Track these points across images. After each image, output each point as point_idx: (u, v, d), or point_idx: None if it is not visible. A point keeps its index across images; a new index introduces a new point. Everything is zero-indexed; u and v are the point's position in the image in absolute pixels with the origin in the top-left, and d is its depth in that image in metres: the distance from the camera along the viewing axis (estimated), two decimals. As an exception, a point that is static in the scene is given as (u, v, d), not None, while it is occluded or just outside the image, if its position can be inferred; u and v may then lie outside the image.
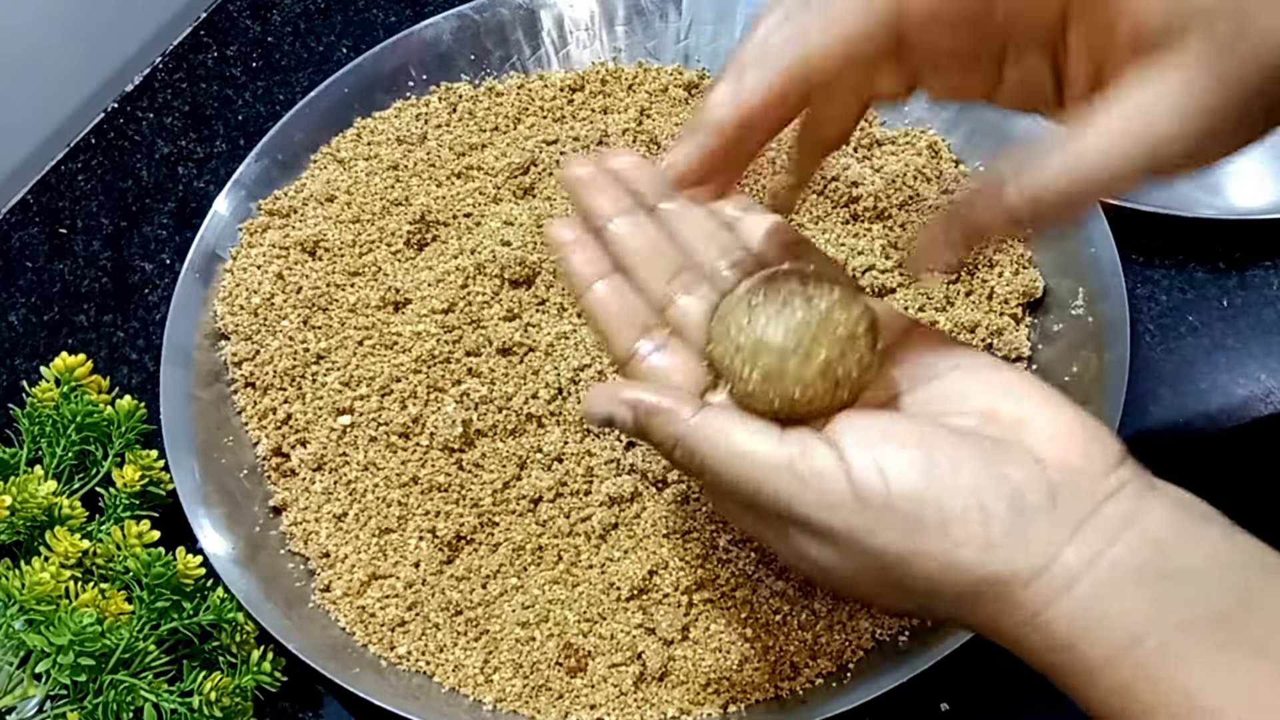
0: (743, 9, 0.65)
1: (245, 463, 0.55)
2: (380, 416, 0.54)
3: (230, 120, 0.70)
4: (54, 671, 0.44)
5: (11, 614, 0.45)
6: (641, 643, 0.48)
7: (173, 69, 0.72)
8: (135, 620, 0.46)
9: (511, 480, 0.52)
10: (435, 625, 0.50)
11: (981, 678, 0.48)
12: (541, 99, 0.64)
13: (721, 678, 0.47)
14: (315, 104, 0.64)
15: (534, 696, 0.48)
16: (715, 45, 0.65)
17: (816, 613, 0.48)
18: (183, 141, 0.70)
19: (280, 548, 0.53)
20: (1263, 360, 0.55)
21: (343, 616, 0.51)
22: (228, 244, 0.61)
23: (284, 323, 0.57)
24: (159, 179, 0.68)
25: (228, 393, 0.57)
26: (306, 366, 0.56)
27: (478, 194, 0.60)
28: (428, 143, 0.63)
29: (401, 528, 0.52)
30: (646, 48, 0.66)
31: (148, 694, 0.45)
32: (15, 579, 0.46)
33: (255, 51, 0.73)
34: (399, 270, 0.58)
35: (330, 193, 0.62)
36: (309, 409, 0.55)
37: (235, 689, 0.47)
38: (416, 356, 0.55)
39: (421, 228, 0.59)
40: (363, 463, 0.53)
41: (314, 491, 0.53)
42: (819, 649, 0.47)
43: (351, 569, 0.51)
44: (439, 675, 0.49)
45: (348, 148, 0.64)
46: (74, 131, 0.70)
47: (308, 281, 0.58)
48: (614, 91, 0.64)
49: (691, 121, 0.36)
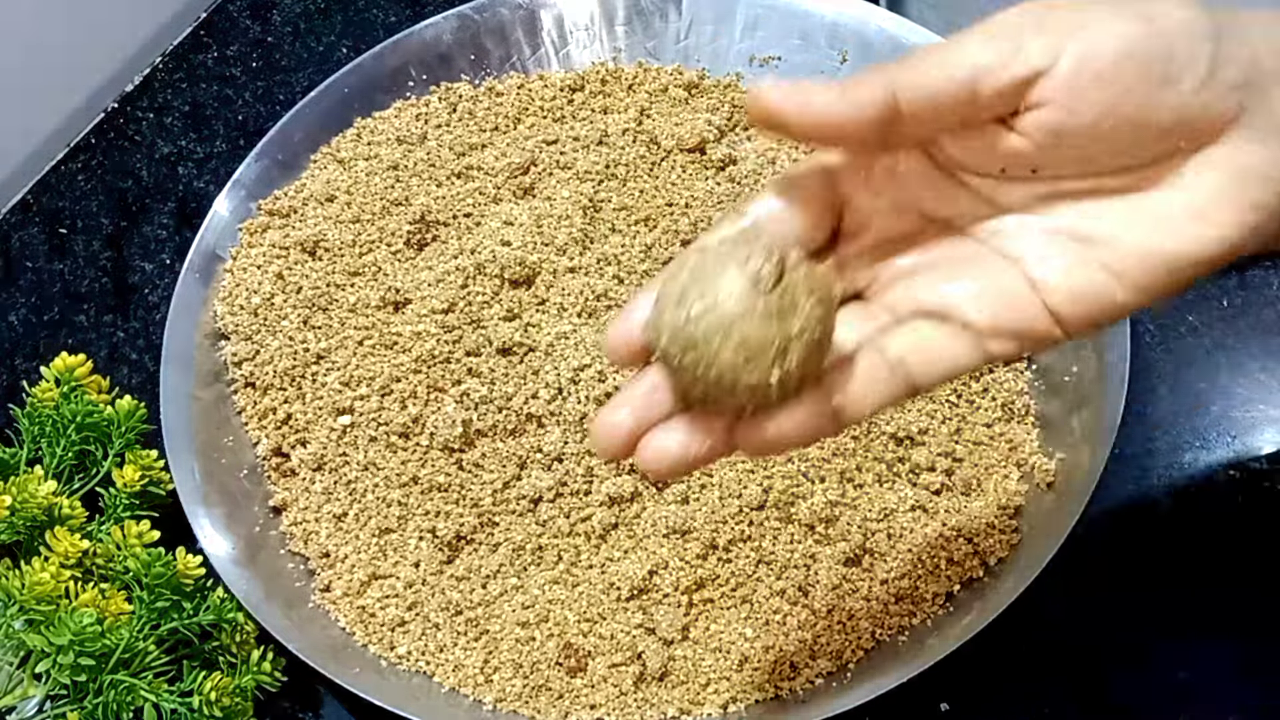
0: (743, 9, 0.65)
1: (245, 463, 0.55)
2: (380, 416, 0.54)
3: (230, 120, 0.70)
4: (54, 671, 0.44)
5: (11, 614, 0.45)
6: (641, 643, 0.48)
7: (173, 69, 0.72)
8: (135, 620, 0.46)
9: (511, 480, 0.52)
10: (435, 625, 0.50)
11: (981, 678, 0.48)
12: (541, 99, 0.64)
13: (721, 678, 0.47)
14: (315, 104, 0.64)
15: (534, 696, 0.48)
16: (715, 45, 0.65)
17: (816, 613, 0.48)
18: (183, 141, 0.70)
19: (280, 548, 0.53)
20: (1263, 360, 0.55)
21: (343, 616, 0.51)
22: (228, 244, 0.61)
23: (284, 323, 0.57)
24: (159, 179, 0.68)
25: (228, 393, 0.57)
26: (306, 366, 0.56)
27: (478, 194, 0.60)
28: (428, 143, 0.63)
29: (401, 528, 0.52)
30: (646, 48, 0.66)
31: (148, 694, 0.45)
32: (15, 579, 0.46)
33: (255, 51, 0.73)
34: (399, 270, 0.58)
35: (330, 193, 0.62)
36: (309, 409, 0.55)
37: (235, 689, 0.47)
38: (416, 356, 0.55)
39: (421, 228, 0.59)
40: (363, 463, 0.53)
41: (314, 491, 0.53)
42: (819, 649, 0.47)
43: (351, 569, 0.51)
44: (439, 675, 0.49)
45: (348, 148, 0.64)
46: (74, 131, 0.70)
47: (308, 281, 0.58)
48: (614, 91, 0.64)
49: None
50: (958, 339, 0.32)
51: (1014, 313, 0.31)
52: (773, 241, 0.30)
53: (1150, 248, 0.30)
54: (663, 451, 0.32)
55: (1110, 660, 0.48)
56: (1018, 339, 0.31)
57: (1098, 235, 0.31)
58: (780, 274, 0.29)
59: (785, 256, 0.30)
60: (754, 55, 0.65)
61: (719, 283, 0.29)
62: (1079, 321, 0.31)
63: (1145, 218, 0.30)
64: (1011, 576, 0.47)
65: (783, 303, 0.29)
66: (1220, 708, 0.47)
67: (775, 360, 0.29)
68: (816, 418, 0.31)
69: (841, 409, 0.31)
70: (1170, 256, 0.30)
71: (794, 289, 0.29)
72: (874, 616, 0.48)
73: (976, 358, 0.32)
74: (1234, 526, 0.51)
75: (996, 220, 0.32)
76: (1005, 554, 0.49)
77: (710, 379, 0.30)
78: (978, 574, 0.48)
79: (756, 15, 0.65)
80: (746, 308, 0.29)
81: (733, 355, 0.29)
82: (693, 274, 0.30)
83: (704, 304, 0.29)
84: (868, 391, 0.32)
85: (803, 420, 0.31)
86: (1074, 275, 0.31)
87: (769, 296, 0.29)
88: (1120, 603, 0.50)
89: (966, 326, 0.31)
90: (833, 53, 0.63)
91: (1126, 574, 0.50)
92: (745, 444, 0.31)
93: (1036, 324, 0.31)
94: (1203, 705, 0.47)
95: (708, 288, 0.29)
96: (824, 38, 0.63)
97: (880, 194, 0.33)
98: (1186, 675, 0.48)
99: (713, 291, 0.29)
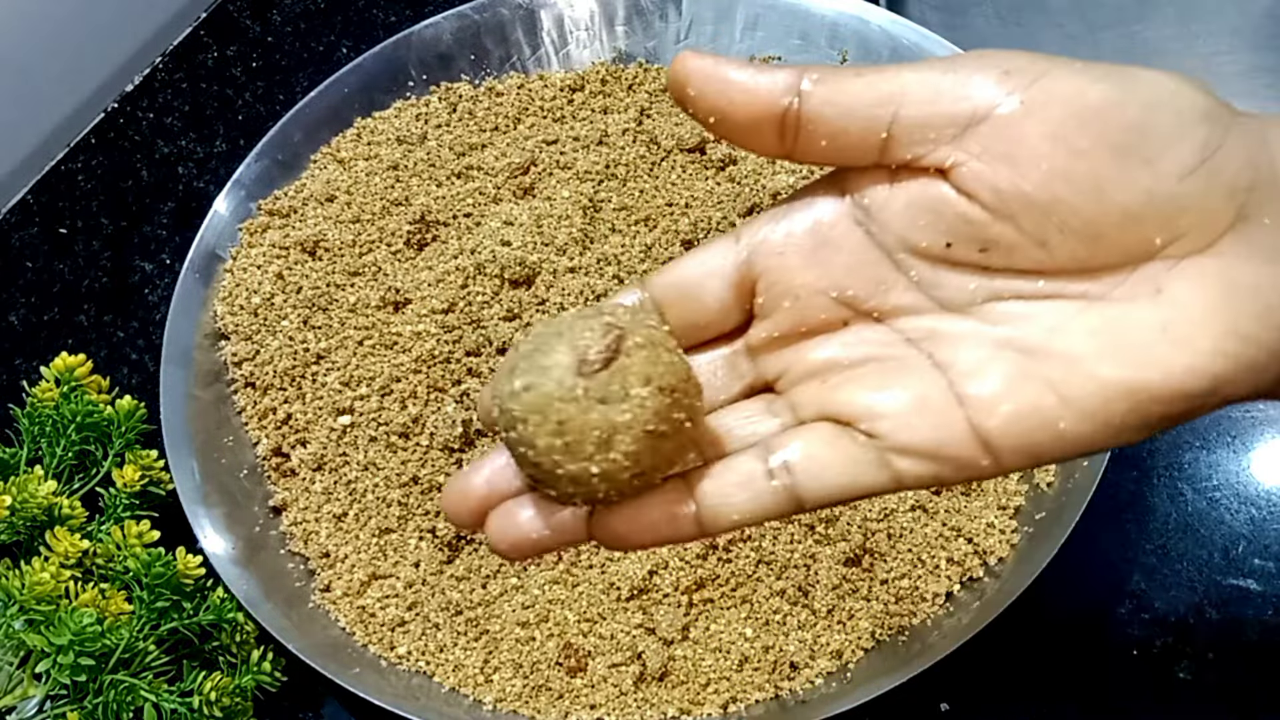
0: (743, 9, 0.65)
1: (245, 463, 0.55)
2: (380, 416, 0.54)
3: (230, 120, 0.70)
4: (54, 671, 0.44)
5: (11, 614, 0.45)
6: (641, 643, 0.48)
7: (173, 69, 0.72)
8: (135, 620, 0.46)
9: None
10: (435, 625, 0.50)
11: (981, 678, 0.48)
12: (541, 99, 0.64)
13: (721, 678, 0.47)
14: (315, 104, 0.64)
15: (534, 696, 0.48)
16: (715, 45, 0.65)
17: (816, 612, 0.48)
18: (183, 141, 0.70)
19: (280, 548, 0.53)
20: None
21: (343, 616, 0.51)
22: (228, 244, 0.61)
23: (284, 323, 0.57)
24: (159, 179, 0.68)
25: (228, 393, 0.57)
26: (306, 366, 0.56)
27: (478, 194, 0.60)
28: (428, 143, 0.63)
29: (401, 528, 0.52)
30: (646, 48, 0.66)
31: (148, 694, 0.45)
32: (15, 579, 0.46)
33: (255, 51, 0.73)
34: (399, 270, 0.58)
35: (330, 193, 0.62)
36: (309, 409, 0.55)
37: (235, 689, 0.47)
38: (416, 356, 0.55)
39: (421, 228, 0.59)
40: (363, 463, 0.53)
41: (314, 491, 0.53)
42: (819, 649, 0.47)
43: (351, 569, 0.51)
44: (439, 675, 0.49)
45: (348, 148, 0.64)
46: (74, 131, 0.70)
47: (308, 281, 0.58)
48: (614, 91, 0.64)
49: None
50: (860, 452, 0.27)
51: (933, 431, 0.26)
52: (617, 320, 0.27)
53: (1110, 370, 0.25)
54: (510, 528, 0.29)
55: (1110, 660, 0.48)
56: (934, 461, 0.27)
57: (1050, 348, 0.26)
58: (612, 355, 0.27)
59: (625, 337, 0.27)
60: (754, 55, 0.65)
61: (548, 358, 0.27)
62: (1012, 451, 0.26)
63: (1109, 333, 0.25)
64: (1011, 576, 0.47)
65: (609, 388, 0.26)
66: (1221, 707, 0.47)
67: (597, 450, 0.26)
68: (670, 519, 0.28)
69: (700, 513, 0.28)
70: (1132, 384, 0.25)
71: (625, 373, 0.26)
72: (874, 616, 0.48)
73: (881, 478, 0.27)
74: (1233, 525, 0.51)
75: (933, 318, 0.28)
76: (1005, 554, 0.49)
77: (531, 461, 0.27)
78: (978, 574, 0.48)
79: (756, 15, 0.65)
80: (566, 389, 0.26)
81: (548, 439, 0.26)
82: (534, 342, 0.28)
83: (527, 379, 0.27)
84: (735, 498, 0.28)
85: (656, 519, 0.28)
86: (1012, 393, 0.26)
87: (592, 379, 0.26)
88: (1120, 603, 0.50)
89: (873, 438, 0.27)
90: (832, 53, 0.63)
91: (1126, 574, 0.50)
92: (597, 534, 0.28)
93: (960, 447, 0.26)
94: (1203, 705, 0.47)
95: (536, 362, 0.27)
96: (824, 38, 0.63)
97: (803, 271, 0.28)
98: (1187, 675, 0.48)
99: (539, 367, 0.27)
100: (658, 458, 0.27)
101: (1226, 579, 0.50)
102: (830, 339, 0.29)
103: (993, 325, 0.27)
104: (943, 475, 0.27)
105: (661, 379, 0.27)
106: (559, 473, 0.27)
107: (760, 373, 0.30)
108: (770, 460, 0.28)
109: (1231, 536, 0.51)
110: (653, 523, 0.28)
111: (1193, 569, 0.50)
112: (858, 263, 0.28)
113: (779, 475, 0.27)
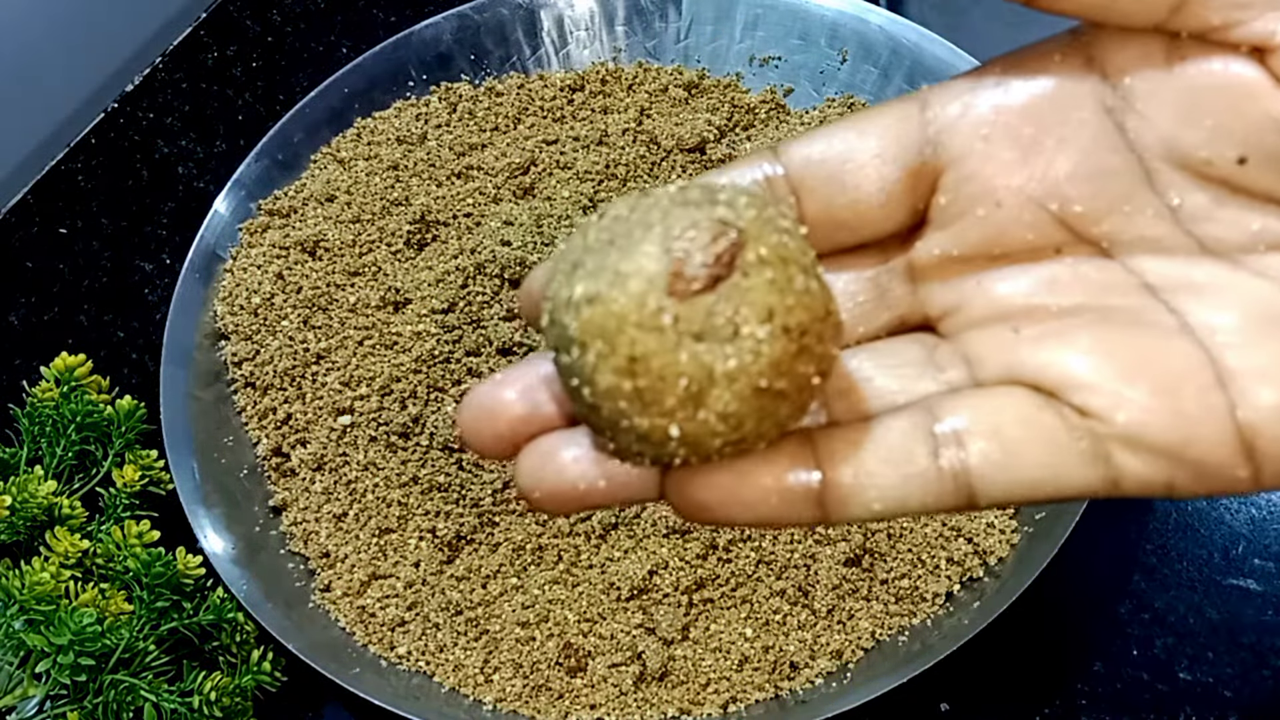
0: (742, 9, 0.65)
1: (245, 463, 0.55)
2: (380, 416, 0.54)
3: (230, 120, 0.70)
4: (54, 671, 0.44)
5: (11, 614, 0.45)
6: (641, 643, 0.48)
7: (173, 69, 0.72)
8: (135, 620, 0.46)
9: (511, 480, 0.52)
10: (435, 625, 0.50)
11: (981, 678, 0.48)
12: (541, 99, 0.64)
13: (721, 678, 0.47)
14: (315, 104, 0.64)
15: (534, 696, 0.48)
16: (715, 45, 0.65)
17: (816, 612, 0.48)
18: (183, 141, 0.70)
19: (280, 548, 0.53)
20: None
21: (343, 616, 0.51)
22: (228, 244, 0.61)
23: (284, 323, 0.57)
24: (159, 179, 0.68)
25: (228, 393, 0.57)
26: (306, 366, 0.56)
27: (478, 194, 0.61)
28: (428, 143, 0.63)
29: (401, 528, 0.52)
30: (646, 48, 0.66)
31: (148, 694, 0.45)
32: (15, 579, 0.46)
33: (255, 51, 0.73)
34: (399, 270, 0.59)
35: (330, 193, 0.62)
36: (309, 409, 0.55)
37: (235, 689, 0.47)
38: (416, 356, 0.55)
39: (421, 228, 0.59)
40: (363, 463, 0.53)
41: (314, 491, 0.53)
42: (819, 649, 0.47)
43: (351, 569, 0.51)
44: (439, 675, 0.49)
45: (348, 148, 0.64)
46: (74, 131, 0.70)
47: (308, 281, 0.58)
48: (614, 91, 0.64)
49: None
50: (1068, 438, 0.19)
51: (1177, 420, 0.19)
52: (737, 214, 0.19)
53: None
54: (549, 472, 0.20)
55: (1110, 660, 0.48)
56: (1172, 463, 0.19)
57: None
58: (723, 272, 0.18)
59: (744, 244, 0.18)
60: (754, 55, 0.65)
61: (629, 259, 0.18)
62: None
63: None
64: (1011, 576, 0.47)
65: (712, 320, 0.18)
66: (1221, 707, 0.47)
67: (682, 405, 0.18)
68: (783, 494, 0.20)
69: (834, 493, 0.20)
70: None
71: (739, 299, 0.18)
72: (874, 616, 0.48)
73: (1091, 477, 0.19)
74: (1233, 525, 0.51)
75: (1189, 262, 0.19)
76: (1005, 554, 0.49)
77: (586, 401, 0.19)
78: (978, 574, 0.48)
79: (756, 15, 0.65)
80: (649, 312, 0.18)
81: (614, 379, 0.18)
82: (611, 228, 0.19)
83: (593, 285, 0.19)
84: (882, 477, 0.20)
85: (762, 491, 0.20)
86: None
87: (690, 303, 0.18)
88: (1120, 602, 0.50)
89: (1087, 418, 0.19)
90: (832, 52, 0.63)
91: (1127, 574, 0.50)
92: (672, 498, 0.20)
93: (1212, 447, 0.18)
94: (1203, 705, 0.47)
95: (609, 261, 0.19)
96: (824, 37, 0.63)
97: (1012, 167, 0.20)
98: (1187, 675, 0.48)
99: (612, 270, 0.19)
100: (766, 423, 0.19)
101: (1226, 579, 0.50)
102: (1032, 270, 0.21)
103: (1277, 284, 0.19)
104: (1177, 483, 0.19)
105: (790, 315, 0.18)
106: (624, 424, 0.19)
107: (921, 304, 0.22)
108: (936, 428, 0.20)
109: (1231, 536, 0.51)
110: (757, 496, 0.20)
111: (1193, 569, 0.50)
112: (1096, 168, 0.20)
113: (947, 452, 0.19)
